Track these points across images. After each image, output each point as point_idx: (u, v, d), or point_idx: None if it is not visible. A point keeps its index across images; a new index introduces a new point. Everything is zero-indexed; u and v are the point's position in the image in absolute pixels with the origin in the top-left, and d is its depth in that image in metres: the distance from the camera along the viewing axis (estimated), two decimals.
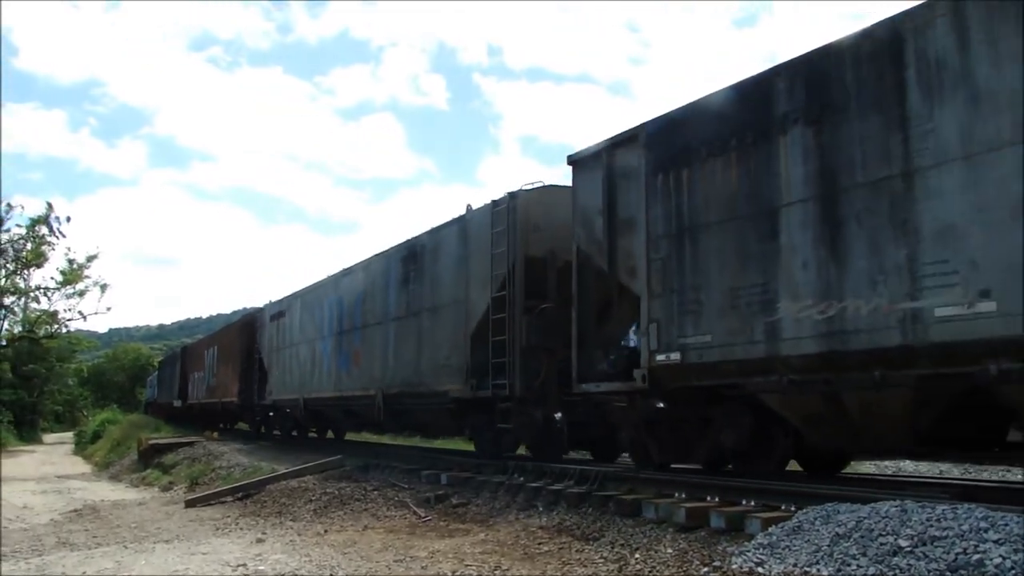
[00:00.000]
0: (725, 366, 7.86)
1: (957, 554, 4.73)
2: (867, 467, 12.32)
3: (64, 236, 35.06)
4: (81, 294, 36.80)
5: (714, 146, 8.07)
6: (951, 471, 10.86)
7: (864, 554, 5.06)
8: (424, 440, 17.82)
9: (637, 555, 6.59)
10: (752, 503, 7.13)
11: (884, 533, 5.17)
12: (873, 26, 6.83)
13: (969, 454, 8.64)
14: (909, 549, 4.92)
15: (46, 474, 23.67)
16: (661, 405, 9.04)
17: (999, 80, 5.89)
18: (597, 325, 9.80)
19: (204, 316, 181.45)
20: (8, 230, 34.21)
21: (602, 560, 6.64)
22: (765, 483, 7.58)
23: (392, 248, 14.91)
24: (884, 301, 6.47)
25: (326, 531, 9.33)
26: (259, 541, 8.86)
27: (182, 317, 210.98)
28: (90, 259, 36.61)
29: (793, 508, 6.49)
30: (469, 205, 12.38)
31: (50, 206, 34.88)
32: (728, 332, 7.75)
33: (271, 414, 22.54)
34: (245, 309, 46.66)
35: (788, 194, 7.32)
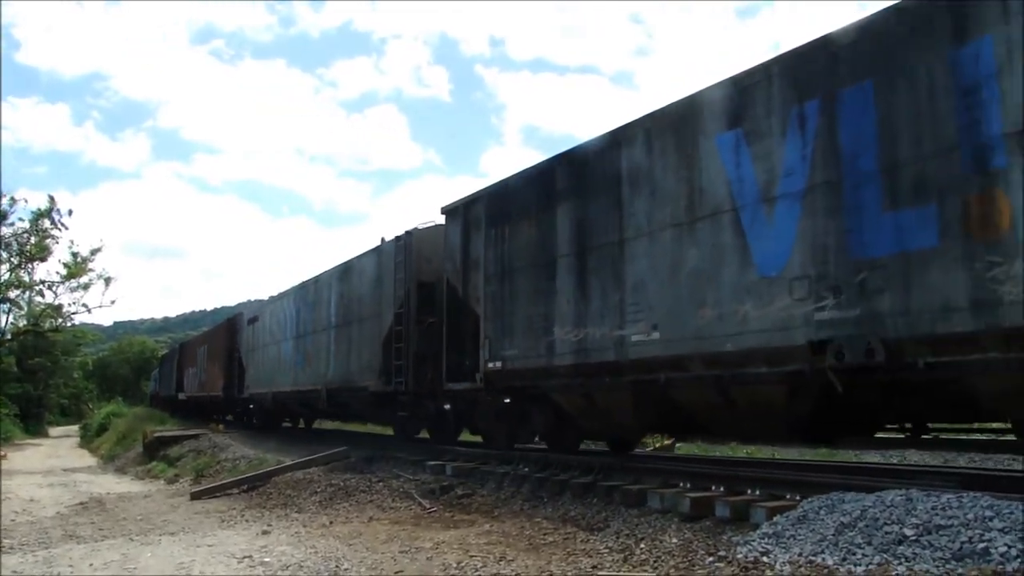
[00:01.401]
0: (527, 372, 10.56)
1: (962, 543, 4.73)
2: (872, 456, 12.31)
3: (67, 228, 35.02)
4: (85, 287, 36.72)
5: (522, 210, 10.81)
6: (956, 460, 10.85)
7: (869, 543, 5.06)
8: (359, 426, 21.78)
9: (642, 545, 6.60)
10: (757, 492, 7.14)
11: (889, 522, 5.17)
12: (606, 133, 9.47)
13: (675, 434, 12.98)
14: (914, 538, 4.92)
15: (52, 467, 23.77)
16: (507, 400, 11.59)
17: (666, 181, 8.44)
18: (459, 338, 12.23)
19: (209, 309, 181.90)
20: (12, 224, 34.21)
21: (607, 550, 6.65)
22: (770, 472, 7.59)
23: (334, 267, 17.81)
24: (607, 329, 9.08)
25: (331, 523, 9.34)
26: (265, 533, 8.88)
27: (187, 310, 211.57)
28: (94, 252, 36.53)
29: (798, 497, 6.50)
30: (383, 237, 14.99)
31: (52, 199, 34.88)
32: (527, 348, 10.48)
33: (251, 406, 24.71)
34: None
35: (561, 249, 9.96)
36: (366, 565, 6.79)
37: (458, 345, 12.24)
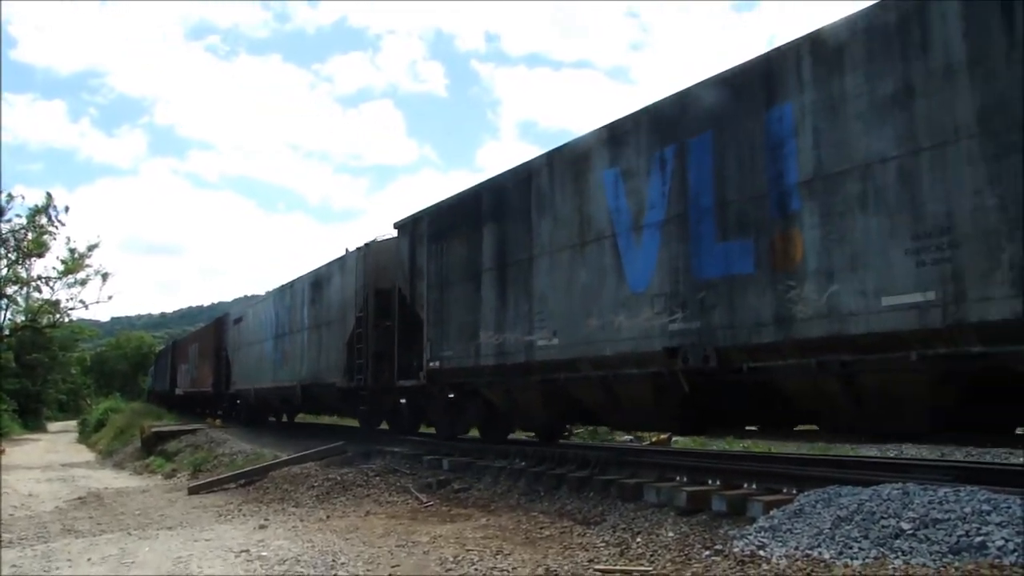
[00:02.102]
0: (460, 371, 12.14)
1: (959, 537, 4.73)
2: (870, 451, 12.33)
3: (63, 225, 34.97)
4: (83, 283, 36.70)
5: (456, 228, 12.38)
6: (953, 454, 10.87)
7: (866, 537, 5.06)
8: (330, 419, 23.37)
9: (639, 539, 6.60)
10: (754, 486, 7.15)
11: (886, 516, 5.17)
12: (521, 165, 11.06)
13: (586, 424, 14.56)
14: (911, 532, 4.92)
15: (50, 462, 23.76)
16: (452, 395, 13.03)
17: (564, 209, 9.99)
18: (409, 340, 13.75)
19: (206, 304, 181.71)
20: (9, 220, 34.15)
21: (604, 544, 6.65)
22: (767, 466, 7.60)
23: (307, 274, 19.33)
24: (520, 335, 10.63)
25: (328, 517, 9.35)
26: (262, 527, 8.89)
27: (184, 305, 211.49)
28: (91, 248, 36.49)
29: (795, 491, 6.51)
30: (347, 248, 16.76)
31: (49, 196, 34.83)
32: (460, 349, 12.04)
33: (237, 401, 25.96)
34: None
35: (485, 264, 11.51)
36: (363, 559, 6.80)
37: (408, 346, 13.80)
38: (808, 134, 7.12)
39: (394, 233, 14.80)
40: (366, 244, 15.68)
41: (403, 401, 15.05)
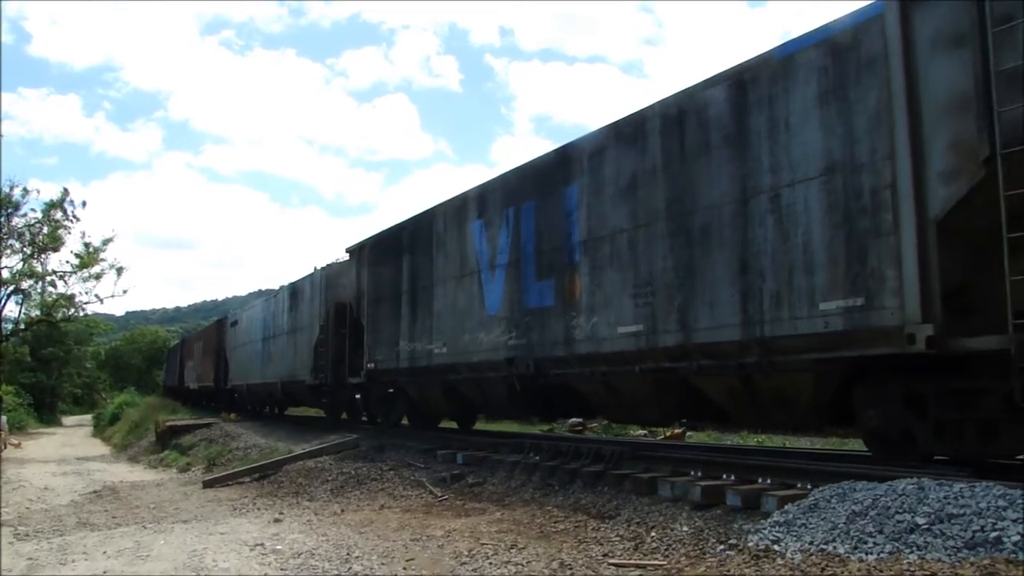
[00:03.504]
0: (388, 372, 15.06)
1: (975, 532, 4.70)
2: None
3: (78, 220, 35.21)
4: (97, 277, 36.96)
5: (386, 257, 15.32)
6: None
7: (881, 531, 5.04)
8: (303, 410, 26.06)
9: (653, 533, 6.60)
10: (768, 481, 7.13)
11: (901, 511, 5.14)
12: (427, 209, 13.91)
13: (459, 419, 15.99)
14: (926, 527, 4.90)
15: (66, 456, 23.94)
16: (391, 390, 15.99)
17: (452, 248, 12.77)
18: (357, 345, 16.50)
19: (220, 299, 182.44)
20: (25, 215, 34.37)
21: (618, 538, 6.66)
22: (781, 461, 7.57)
23: (288, 285, 22.21)
24: (424, 344, 13.38)
25: (343, 511, 9.39)
26: (276, 521, 8.93)
27: (198, 300, 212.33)
28: (106, 242, 36.75)
29: (809, 486, 6.48)
30: (315, 266, 19.73)
31: (66, 191, 35.05)
32: (387, 354, 14.84)
33: (236, 396, 28.53)
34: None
35: (404, 287, 14.38)
36: (377, 553, 6.83)
37: (356, 350, 16.54)
38: (585, 208, 9.82)
39: (345, 259, 17.96)
40: (328, 265, 19.02)
41: (357, 396, 18.37)
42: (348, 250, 17.30)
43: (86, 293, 37.54)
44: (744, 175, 7.77)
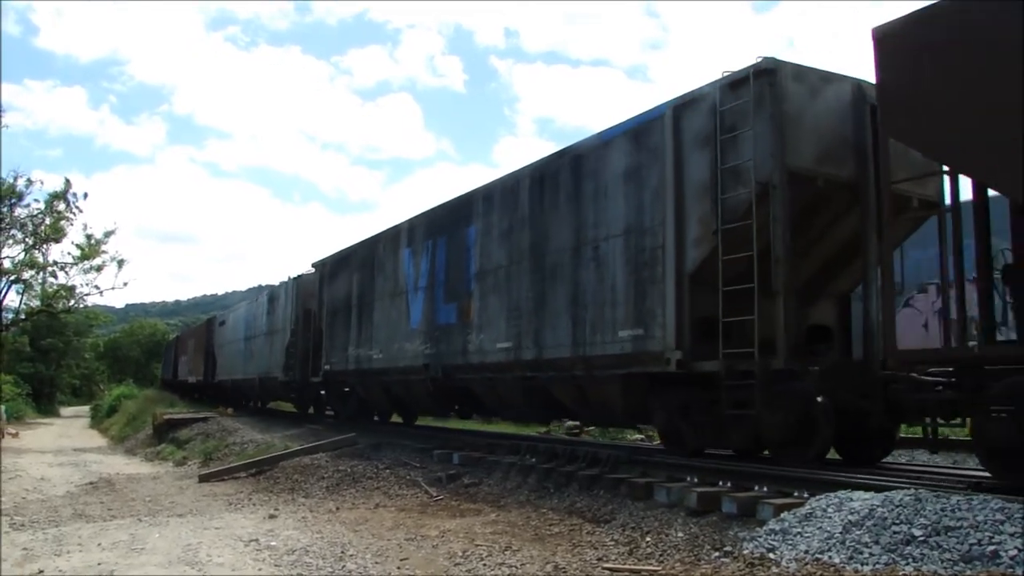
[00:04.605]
0: (340, 373, 17.80)
1: (971, 545, 4.69)
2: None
3: (81, 211, 35.18)
4: (98, 269, 36.90)
5: (339, 273, 18.21)
6: (966, 462, 10.78)
7: (876, 542, 5.03)
8: (278, 405, 28.30)
9: (648, 538, 6.59)
10: (765, 489, 7.11)
11: (897, 522, 5.14)
12: (372, 236, 16.70)
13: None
14: (923, 538, 4.89)
15: (62, 447, 23.90)
16: (347, 389, 18.61)
17: (388, 270, 15.54)
18: (319, 348, 18.94)
19: (220, 293, 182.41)
20: (27, 205, 34.36)
21: (613, 543, 6.64)
22: (778, 469, 7.56)
23: (267, 289, 25.44)
24: (365, 350, 16.01)
25: (338, 508, 9.38)
26: (271, 517, 8.92)
27: (198, 294, 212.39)
28: (107, 235, 36.70)
29: (806, 495, 6.46)
30: (289, 275, 22.52)
31: (68, 182, 35.03)
32: (339, 358, 17.52)
33: (223, 389, 30.89)
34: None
35: (352, 300, 17.12)
36: (372, 551, 6.82)
37: (318, 352, 19.06)
38: (479, 245, 12.24)
39: (314, 272, 20.75)
40: (299, 276, 21.70)
41: (322, 392, 20.58)
42: (313, 265, 20.06)
43: (86, 285, 37.52)
44: (578, 228, 10.11)
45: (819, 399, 7.79)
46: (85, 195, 35.54)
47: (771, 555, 5.34)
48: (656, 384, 9.14)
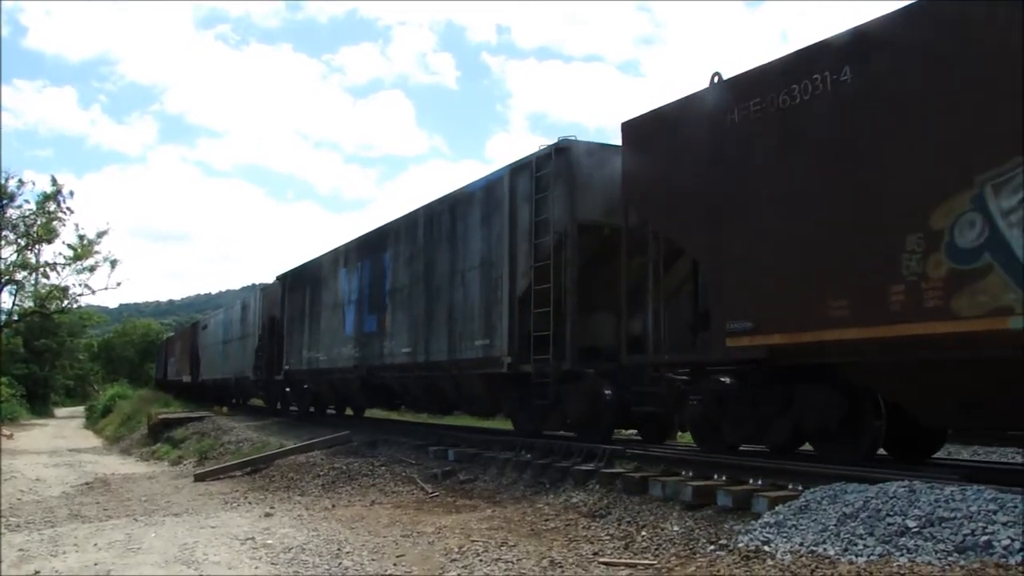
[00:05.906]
0: (297, 373, 20.52)
1: (965, 535, 4.71)
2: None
3: (72, 212, 35.09)
4: (91, 269, 36.81)
5: (297, 286, 20.97)
6: (959, 452, 10.83)
7: (871, 534, 5.05)
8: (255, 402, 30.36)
9: (643, 532, 6.61)
10: (759, 482, 7.12)
11: (892, 513, 5.15)
12: (319, 256, 19.65)
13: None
14: (917, 530, 4.91)
15: (57, 447, 23.88)
16: (305, 386, 21.15)
17: (330, 286, 18.47)
18: (282, 350, 21.35)
19: (213, 292, 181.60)
20: (19, 206, 34.25)
21: (608, 537, 6.66)
22: (773, 462, 7.58)
23: (240, 297, 28.35)
24: (315, 353, 18.77)
25: (334, 506, 9.39)
26: (267, 515, 8.93)
27: (191, 293, 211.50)
28: (100, 235, 36.61)
29: (800, 487, 6.48)
30: (256, 286, 26.17)
31: (54, 180, 34.93)
32: (296, 359, 20.15)
33: (206, 387, 33.31)
34: (254, 285, 47.12)
35: (306, 310, 19.88)
36: (368, 548, 6.82)
37: (281, 354, 21.52)
38: (392, 269, 14.94)
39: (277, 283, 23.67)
40: (265, 285, 25.35)
41: (288, 389, 22.88)
42: (278, 277, 23.01)
43: (79, 285, 37.41)
44: (453, 259, 12.73)
45: (607, 392, 10.14)
46: (71, 193, 35.44)
47: (766, 548, 5.35)
48: (504, 381, 11.57)
